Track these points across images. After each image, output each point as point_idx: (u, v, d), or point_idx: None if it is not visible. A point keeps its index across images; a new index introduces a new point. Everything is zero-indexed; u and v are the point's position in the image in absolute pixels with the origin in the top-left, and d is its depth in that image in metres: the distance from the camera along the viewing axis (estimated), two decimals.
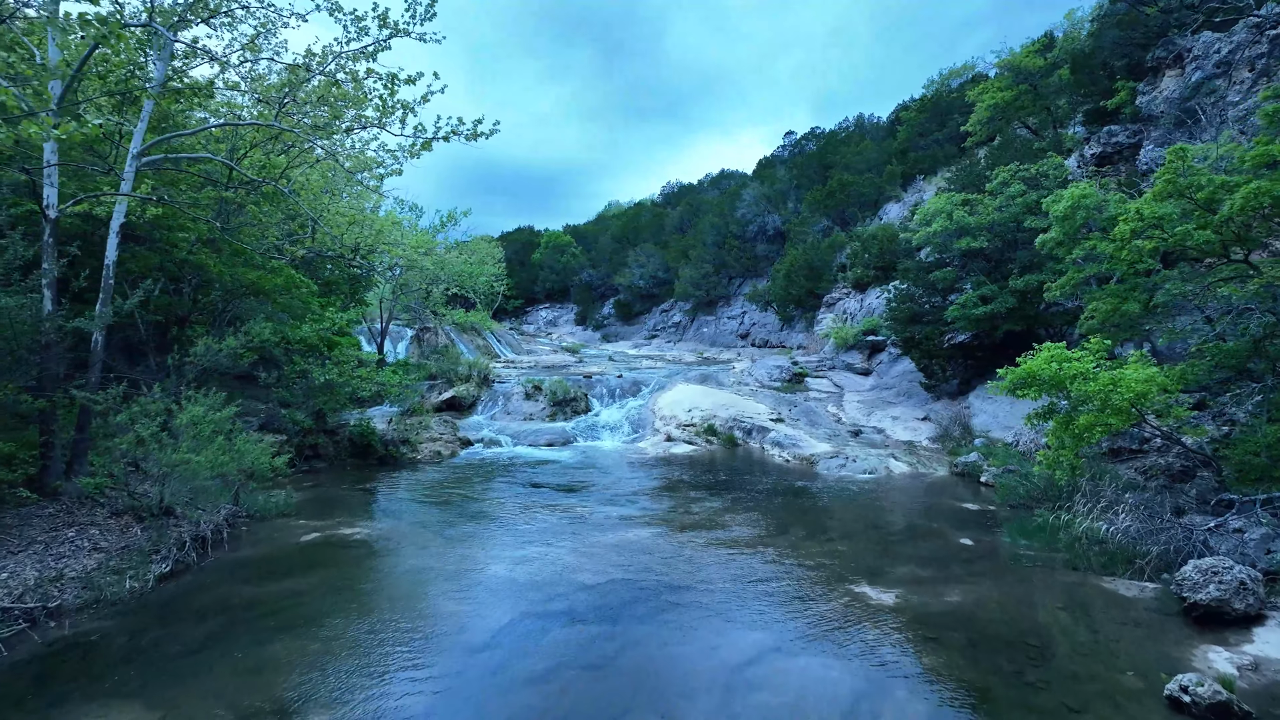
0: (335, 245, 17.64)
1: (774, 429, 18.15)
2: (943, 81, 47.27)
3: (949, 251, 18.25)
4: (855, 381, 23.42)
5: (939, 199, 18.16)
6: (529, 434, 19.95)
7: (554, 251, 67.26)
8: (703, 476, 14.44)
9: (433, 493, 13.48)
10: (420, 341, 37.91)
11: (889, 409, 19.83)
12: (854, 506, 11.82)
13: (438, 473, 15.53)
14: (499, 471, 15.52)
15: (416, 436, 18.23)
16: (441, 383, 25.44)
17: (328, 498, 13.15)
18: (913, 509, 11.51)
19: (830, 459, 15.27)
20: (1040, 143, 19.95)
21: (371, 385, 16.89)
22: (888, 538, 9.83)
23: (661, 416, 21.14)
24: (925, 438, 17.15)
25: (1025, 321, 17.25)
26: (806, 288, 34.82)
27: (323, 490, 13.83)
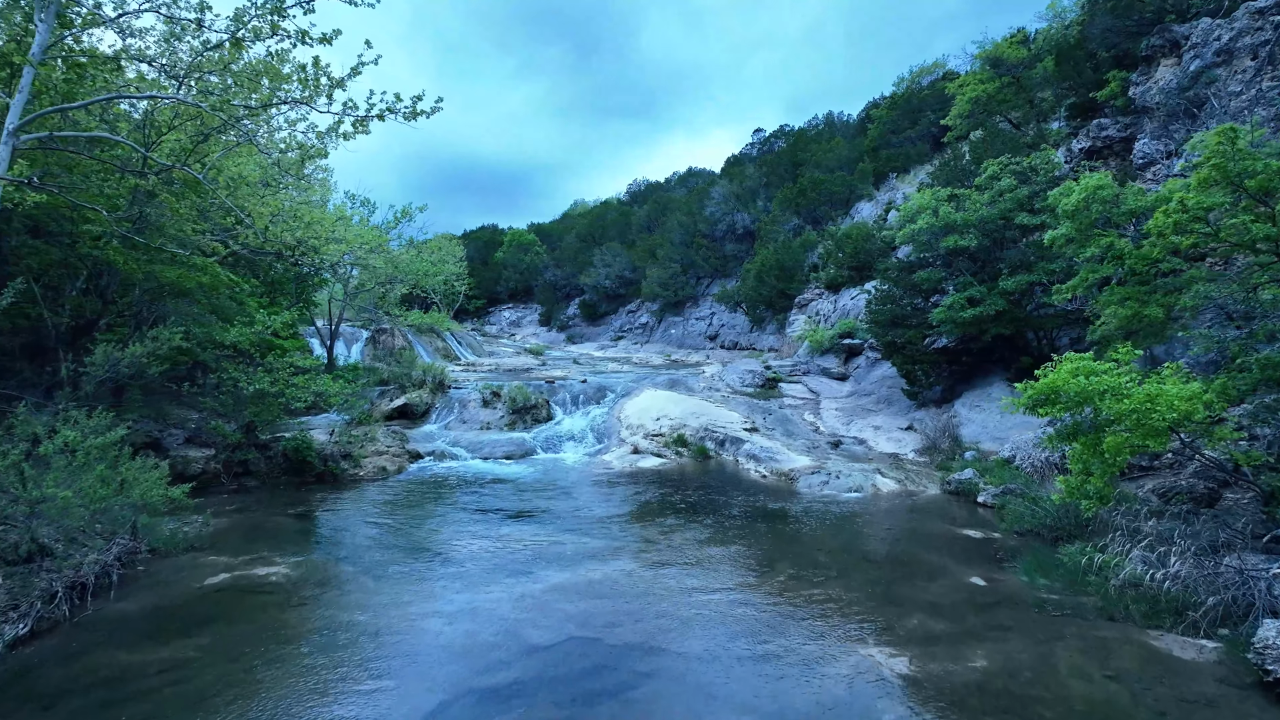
0: (268, 241, 15.92)
1: (749, 440, 16.87)
2: (913, 79, 46.69)
3: (933, 250, 17.15)
4: (832, 387, 22.29)
5: (923, 194, 17.06)
6: (485, 445, 18.43)
7: (518, 250, 65.48)
8: (673, 496, 13.08)
9: (370, 518, 11.92)
10: (376, 344, 36.05)
11: (869, 417, 18.70)
12: (843, 533, 10.55)
13: (380, 492, 13.96)
14: (448, 491, 13.99)
15: (360, 450, 16.60)
16: (394, 389, 23.76)
17: (251, 525, 11.51)
18: (908, 536, 10.27)
19: (811, 475, 14.02)
20: (1025, 137, 19.01)
21: (308, 394, 15.23)
22: (888, 576, 8.55)
23: (628, 425, 19.75)
24: (911, 450, 16.01)
25: (1014, 325, 16.21)
26: (778, 288, 33.72)
27: (247, 515, 12.17)
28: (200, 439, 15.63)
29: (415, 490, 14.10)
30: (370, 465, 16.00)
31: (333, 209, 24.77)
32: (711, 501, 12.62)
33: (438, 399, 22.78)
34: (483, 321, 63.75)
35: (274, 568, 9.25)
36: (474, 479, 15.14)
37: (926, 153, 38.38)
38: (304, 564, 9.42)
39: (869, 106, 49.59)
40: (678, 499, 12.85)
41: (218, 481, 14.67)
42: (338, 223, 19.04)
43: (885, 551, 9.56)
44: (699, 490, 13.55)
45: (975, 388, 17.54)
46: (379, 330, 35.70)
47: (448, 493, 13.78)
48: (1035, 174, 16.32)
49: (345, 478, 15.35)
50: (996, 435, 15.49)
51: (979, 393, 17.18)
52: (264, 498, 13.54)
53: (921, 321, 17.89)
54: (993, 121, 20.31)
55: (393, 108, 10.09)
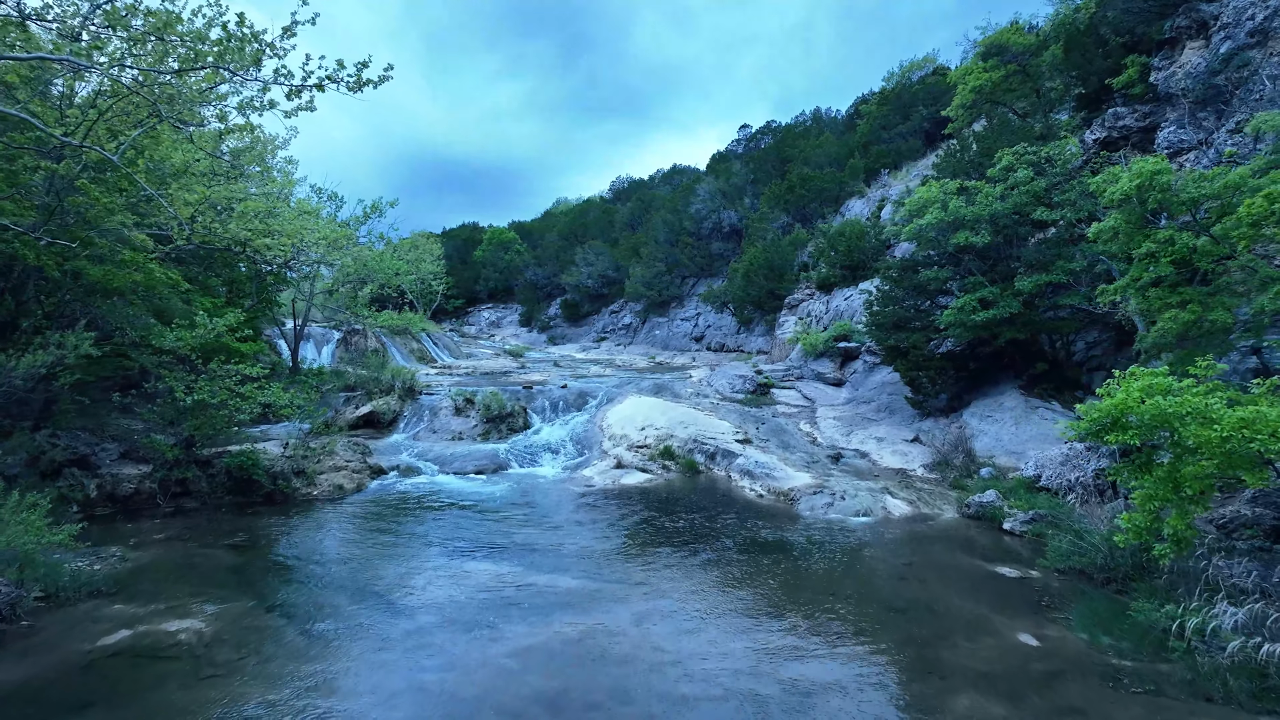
0: (206, 234, 14.34)
1: (742, 453, 15.51)
2: (903, 74, 45.72)
3: (940, 248, 15.87)
4: (827, 394, 20.99)
5: (929, 187, 15.78)
6: (456, 458, 16.92)
7: (497, 249, 63.77)
8: (661, 521, 11.67)
9: (316, 550, 10.42)
10: (348, 346, 34.40)
11: (870, 427, 17.40)
12: (857, 570, 9.18)
13: (334, 515, 12.46)
14: (410, 513, 12.50)
15: (316, 465, 15.05)
16: (360, 395, 22.19)
17: (177, 558, 9.97)
18: (934, 575, 8.92)
19: (813, 495, 12.67)
20: (1033, 128, 17.80)
21: (255, 405, 13.69)
22: (920, 632, 7.18)
23: (611, 435, 18.33)
24: (919, 465, 14.71)
25: (1029, 329, 14.97)
26: (767, 288, 32.42)
27: (176, 545, 10.62)
28: (137, 454, 14.04)
29: (373, 513, 12.60)
30: (326, 483, 14.47)
31: (295, 204, 23.12)
32: (704, 529, 11.22)
33: (407, 406, 21.25)
34: (461, 322, 62.01)
35: (188, 620, 7.73)
36: (440, 498, 13.66)
37: (920, 148, 37.30)
38: (226, 614, 7.92)
39: (858, 102, 48.48)
40: (666, 525, 11.44)
41: (152, 503, 13.10)
42: (299, 217, 17.44)
43: (910, 596, 8.20)
44: (689, 513, 12.15)
45: (985, 396, 16.28)
46: (351, 332, 34.05)
47: (408, 516, 12.29)
48: (1052, 165, 15.09)
49: (297, 498, 13.82)
50: (1012, 449, 14.23)
51: (990, 401, 15.93)
52: (201, 523, 11.99)
53: (926, 324, 16.62)
54: (1001, 111, 19.11)
55: (334, 76, 8.60)
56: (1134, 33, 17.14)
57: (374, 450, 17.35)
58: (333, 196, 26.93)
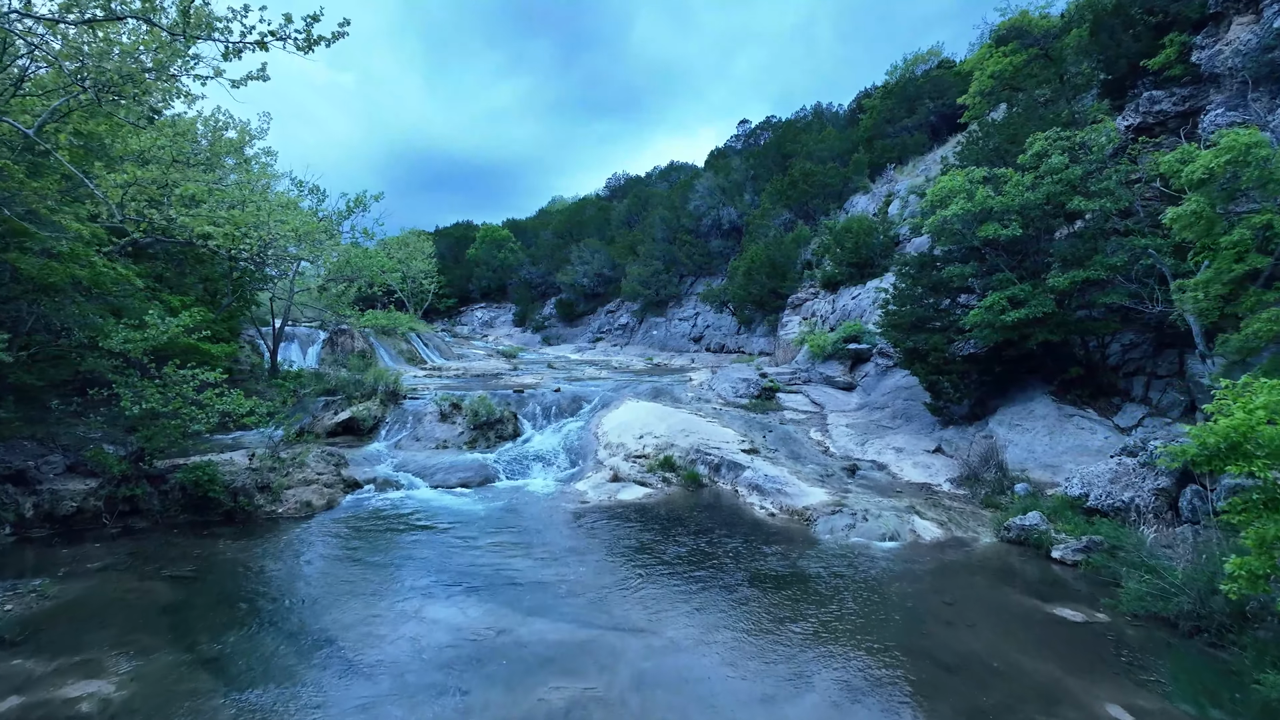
0: (169, 227, 13.02)
1: (749, 465, 14.22)
2: (907, 67, 44.48)
3: (965, 241, 14.60)
4: (837, 398, 19.72)
5: (953, 176, 14.51)
6: (439, 469, 15.62)
7: (491, 247, 62.36)
8: (663, 547, 10.37)
9: (270, 583, 9.12)
10: (334, 346, 33.08)
11: (887, 436, 16.12)
12: (893, 614, 7.88)
13: (298, 539, 11.15)
14: (384, 536, 11.19)
15: (283, 479, 13.75)
16: (340, 399, 20.86)
17: (108, 594, 8.66)
18: (984, 618, 7.64)
19: (832, 515, 11.39)
20: (1061, 112, 16.55)
21: (213, 413, 12.38)
22: (984, 701, 5.88)
23: (607, 444, 17.05)
24: (945, 479, 13.44)
25: (1063, 329, 13.71)
26: (769, 287, 31.14)
27: (111, 577, 9.32)
28: (84, 468, 12.74)
29: (342, 535, 11.30)
30: (293, 500, 13.15)
31: (274, 197, 21.73)
32: (711, 557, 9.93)
33: (389, 412, 19.92)
34: (454, 322, 60.62)
35: (98, 682, 6.43)
36: (419, 517, 12.37)
37: (926, 142, 36.09)
38: (148, 673, 6.61)
39: (860, 96, 47.23)
40: (668, 552, 10.14)
41: (97, 523, 11.83)
42: (264, 208, 16.06)
43: (963, 649, 6.91)
44: (694, 537, 10.86)
45: (1013, 402, 15.03)
46: (338, 332, 32.74)
47: (381, 540, 10.98)
48: (1088, 151, 13.84)
49: (260, 516, 12.51)
50: (1046, 461, 12.98)
51: (1018, 408, 14.67)
52: (148, 547, 10.69)
53: (948, 325, 15.36)
54: (1023, 96, 17.85)
55: (280, 33, 7.30)
56: (1167, 11, 15.90)
57: (350, 460, 16.06)
58: (314, 190, 25.59)
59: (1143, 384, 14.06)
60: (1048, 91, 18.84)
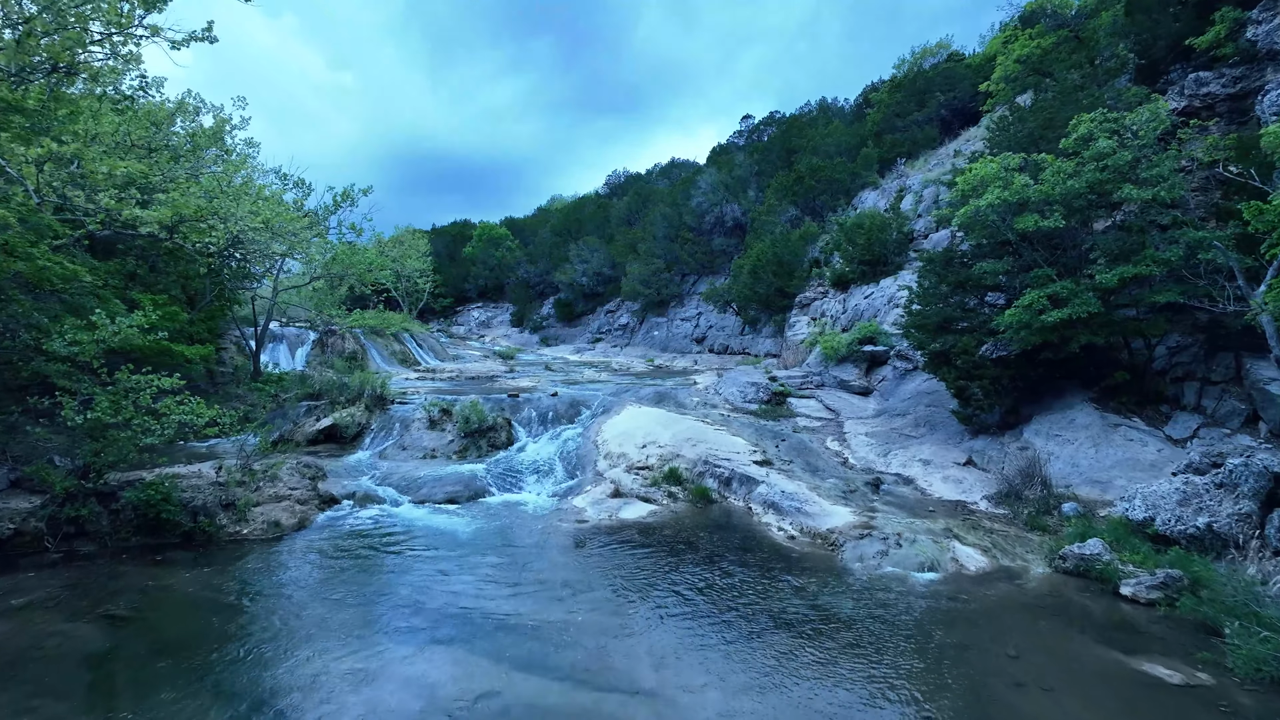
0: (132, 218, 11.78)
1: (763, 479, 12.98)
2: (915, 60, 43.30)
3: (998, 234, 13.37)
4: (853, 404, 18.46)
5: (985, 164, 13.27)
6: (424, 483, 14.39)
7: (488, 245, 61.08)
8: (671, 578, 9.12)
9: (217, 625, 7.85)
10: (324, 347, 31.88)
11: (911, 446, 14.87)
12: (950, 669, 6.61)
13: (260, 566, 9.91)
14: (356, 564, 9.94)
15: (251, 495, 12.52)
16: (324, 404, 19.63)
17: (22, 643, 7.40)
18: (1059, 677, 6.38)
19: (860, 539, 10.14)
20: (1101, 94, 15.30)
21: (169, 426, 11.14)
22: None
23: (607, 454, 15.82)
24: (980, 496, 12.19)
25: (1108, 330, 12.47)
26: (776, 285, 29.88)
27: (35, 617, 8.08)
28: (30, 483, 11.54)
29: (309, 562, 10.06)
30: (260, 519, 11.91)
31: (254, 189, 20.44)
32: (727, 591, 8.69)
33: (374, 418, 18.68)
34: (450, 322, 59.36)
35: None
36: (398, 539, 11.14)
37: (936, 137, 34.87)
38: None
39: (867, 90, 46.03)
40: (678, 585, 8.90)
41: (39, 546, 10.58)
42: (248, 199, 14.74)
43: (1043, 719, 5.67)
44: (706, 566, 9.62)
45: (1049, 410, 13.79)
46: (328, 333, 31.53)
47: (352, 569, 9.74)
48: (1134, 136, 12.60)
49: (221, 539, 11.27)
50: (1093, 477, 11.74)
51: (1057, 416, 13.43)
52: (88, 578, 9.46)
53: (977, 325, 14.13)
54: (1063, 77, 16.59)
55: None
56: None
57: (330, 472, 14.83)
58: (299, 183, 24.33)
59: (1194, 390, 12.82)
60: (1077, 76, 17.59)
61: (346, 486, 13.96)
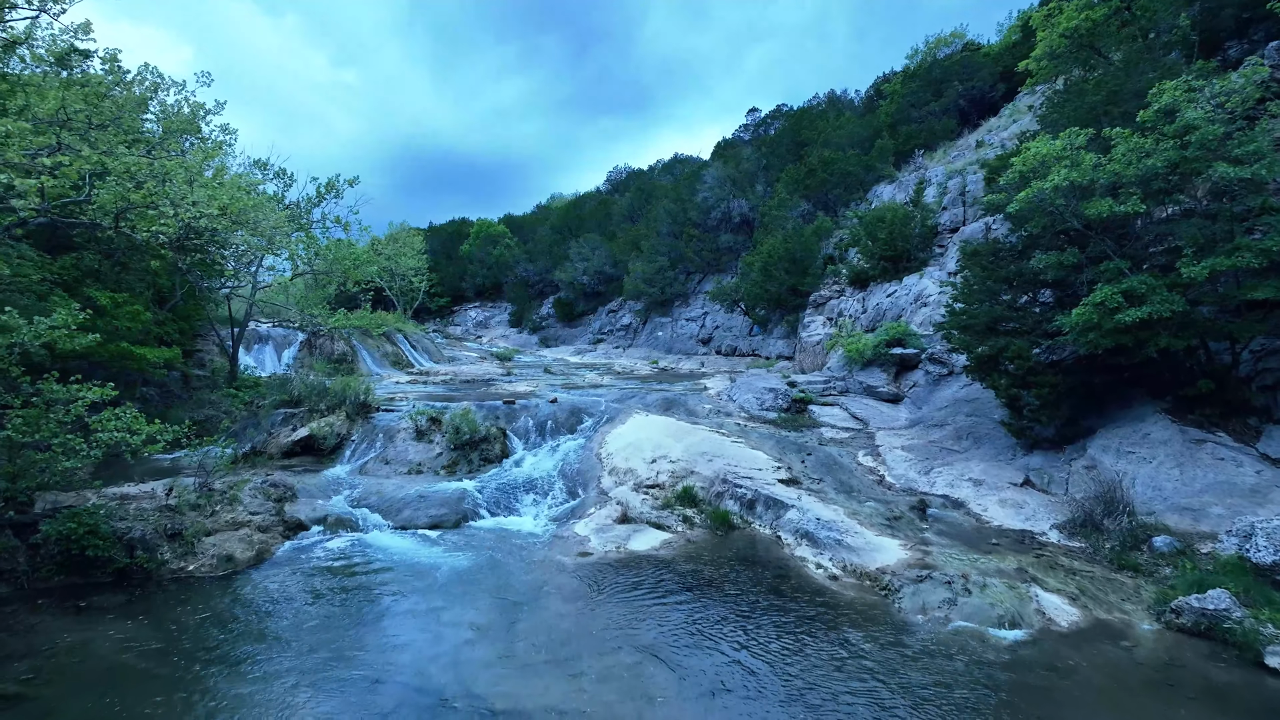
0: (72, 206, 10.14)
1: (794, 502, 11.30)
2: (929, 51, 41.72)
3: (1061, 223, 11.69)
4: (883, 412, 16.77)
5: (1047, 141, 11.60)
6: (407, 504, 12.74)
7: (485, 243, 59.36)
8: (696, 636, 7.45)
9: (119, 710, 6.21)
10: (312, 349, 30.22)
11: (956, 462, 13.19)
12: None
13: (201, 614, 8.26)
14: (315, 613, 8.26)
15: (204, 523, 10.88)
16: (303, 412, 17.97)
17: None
18: None
19: (917, 581, 8.46)
20: (1178, 63, 13.61)
21: (97, 447, 9.45)
22: None
23: (612, 469, 14.17)
24: (1049, 525, 10.48)
25: (1190, 332, 10.80)
26: (788, 284, 28.19)
27: None
28: None
29: (261, 610, 8.40)
30: (211, 552, 10.24)
31: (229, 179, 18.75)
32: (763, 655, 7.03)
33: (356, 427, 17.01)
34: (446, 322, 57.68)
35: None
36: (368, 579, 9.47)
37: (954, 128, 33.25)
38: None
39: (879, 81, 44.33)
40: (706, 643, 7.23)
41: None
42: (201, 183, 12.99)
43: None
44: (735, 616, 7.94)
45: (1115, 422, 12.12)
46: (316, 334, 29.85)
47: (308, 622, 8.06)
48: (1222, 107, 10.93)
49: (163, 576, 9.63)
50: (1181, 503, 10.05)
51: (1126, 430, 11.76)
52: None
53: (1031, 326, 12.46)
54: (1129, 46, 14.88)
55: None
56: None
57: (301, 491, 13.17)
58: (280, 173, 22.67)
59: None
60: (1131, 52, 15.90)
61: (318, 509, 12.29)
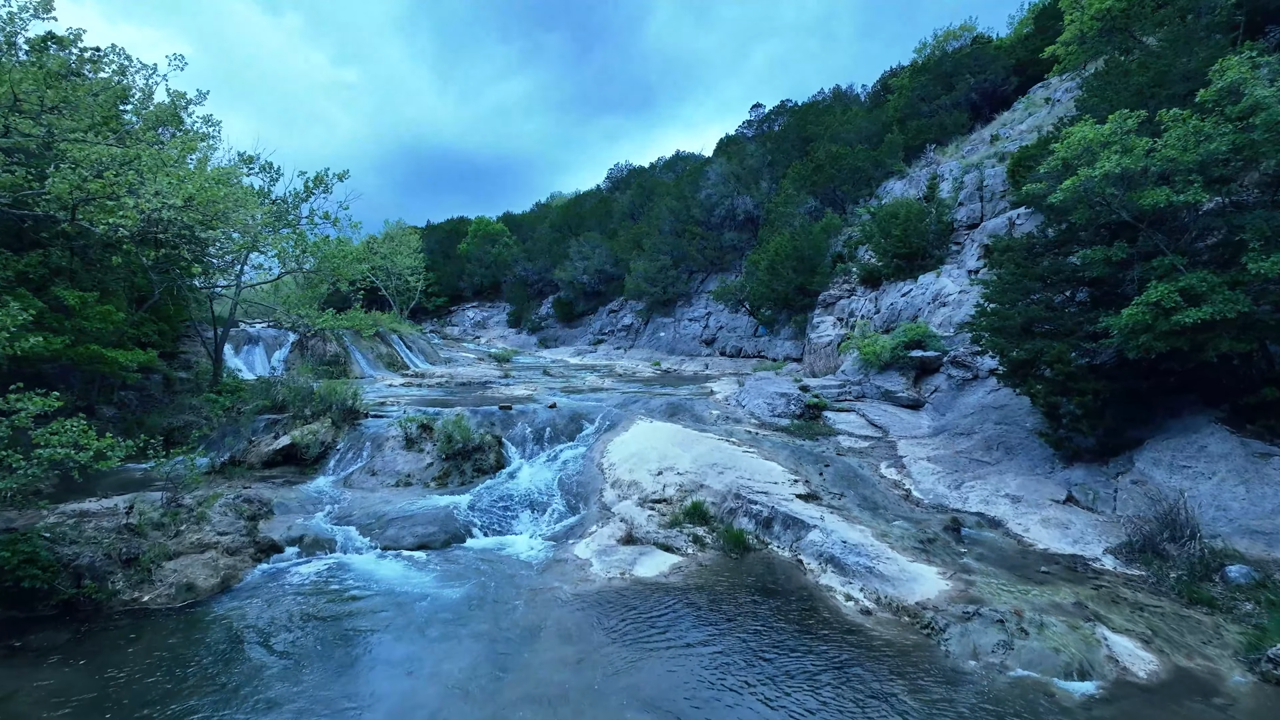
0: None
1: (815, 522, 10.28)
2: (938, 44, 40.63)
3: (1107, 214, 10.67)
4: (903, 419, 15.74)
5: (1091, 125, 10.57)
6: (392, 520, 11.74)
7: (484, 241, 58.31)
8: (717, 690, 6.44)
9: None
10: (304, 350, 29.24)
11: (988, 475, 12.15)
12: None
13: (146, 660, 7.21)
14: (279, 657, 7.23)
15: (167, 544, 9.87)
16: (287, 418, 16.97)
17: None
18: None
19: (964, 619, 7.43)
20: (1221, 42, 12.62)
21: (37, 465, 8.44)
22: None
23: (614, 481, 13.17)
24: (1101, 548, 9.45)
25: (1253, 334, 9.78)
26: (796, 283, 27.16)
27: None
28: None
29: (215, 653, 7.36)
30: (171, 579, 9.23)
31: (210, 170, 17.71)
32: (795, 711, 6.01)
33: (342, 435, 15.99)
34: (444, 322, 56.63)
35: None
36: (345, 611, 8.45)
37: (966, 122, 32.18)
38: None
39: (886, 76, 43.30)
40: (727, 697, 6.21)
41: None
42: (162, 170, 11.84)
43: None
44: (759, 662, 6.92)
45: (1165, 433, 11.10)
46: (309, 334, 28.84)
47: (270, 666, 7.04)
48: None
49: (114, 609, 8.62)
50: (1252, 525, 9.03)
51: (1179, 442, 10.73)
52: None
53: (1071, 327, 11.43)
54: (1176, 24, 13.85)
55: None
56: None
57: (278, 506, 12.19)
58: (266, 166, 21.64)
59: None
60: (1170, 34, 14.89)
61: (295, 528, 11.28)
